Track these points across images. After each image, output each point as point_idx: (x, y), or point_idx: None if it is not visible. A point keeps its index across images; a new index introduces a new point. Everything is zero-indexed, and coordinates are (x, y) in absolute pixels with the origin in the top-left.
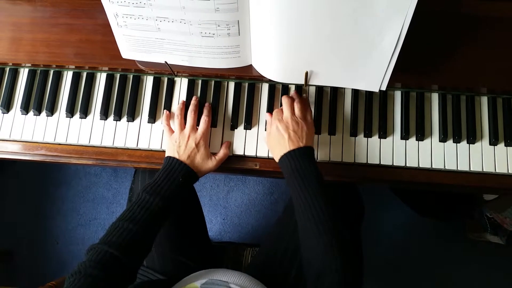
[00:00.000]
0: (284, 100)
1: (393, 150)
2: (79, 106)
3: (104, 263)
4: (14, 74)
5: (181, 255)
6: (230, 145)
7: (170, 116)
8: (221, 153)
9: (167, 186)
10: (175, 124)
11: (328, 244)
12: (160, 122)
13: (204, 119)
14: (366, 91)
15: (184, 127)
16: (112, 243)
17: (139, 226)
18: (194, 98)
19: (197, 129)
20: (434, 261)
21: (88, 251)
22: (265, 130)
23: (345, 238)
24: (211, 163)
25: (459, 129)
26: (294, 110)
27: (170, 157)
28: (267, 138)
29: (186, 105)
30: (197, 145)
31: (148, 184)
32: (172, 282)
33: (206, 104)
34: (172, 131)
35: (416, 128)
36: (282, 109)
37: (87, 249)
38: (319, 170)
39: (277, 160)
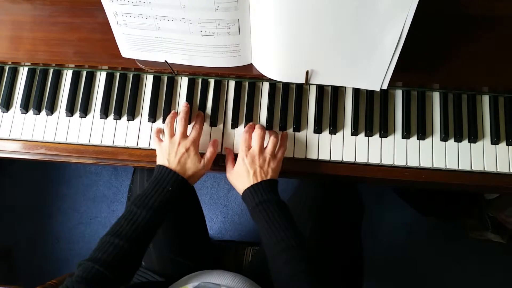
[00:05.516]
0: (256, 131)
1: (394, 149)
2: (79, 105)
3: (91, 279)
4: (14, 73)
5: (181, 256)
6: (217, 144)
7: (159, 131)
8: (208, 152)
9: (155, 197)
10: (165, 132)
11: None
12: (161, 121)
13: (195, 127)
14: (367, 90)
15: (174, 135)
16: (98, 259)
17: (125, 241)
18: (185, 104)
19: (187, 136)
20: (434, 260)
21: (77, 267)
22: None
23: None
24: (201, 165)
25: (461, 128)
26: (264, 143)
27: (159, 165)
28: (231, 170)
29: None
30: (187, 150)
31: (137, 195)
32: (170, 284)
33: (198, 113)
34: (161, 141)
35: (417, 127)
36: (250, 140)
37: (77, 264)
38: (282, 201)
39: (240, 193)
